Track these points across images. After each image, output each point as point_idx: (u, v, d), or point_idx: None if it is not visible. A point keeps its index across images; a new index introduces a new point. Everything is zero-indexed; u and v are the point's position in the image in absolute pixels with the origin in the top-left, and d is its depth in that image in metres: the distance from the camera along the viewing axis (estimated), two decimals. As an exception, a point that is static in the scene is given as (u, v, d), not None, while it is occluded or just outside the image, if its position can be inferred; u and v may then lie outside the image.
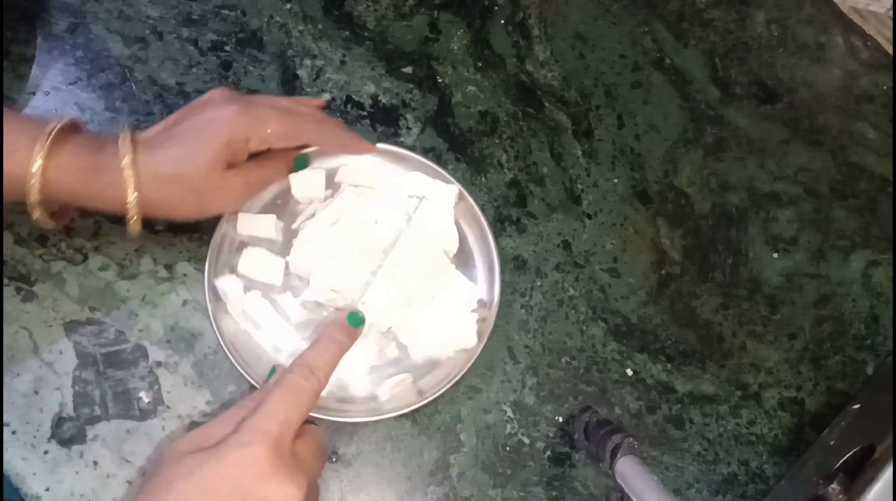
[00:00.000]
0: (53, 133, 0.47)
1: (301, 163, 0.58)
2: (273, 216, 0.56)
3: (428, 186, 0.59)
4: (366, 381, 0.55)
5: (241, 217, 0.56)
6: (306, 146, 0.58)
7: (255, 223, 0.56)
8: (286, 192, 0.58)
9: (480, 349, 0.56)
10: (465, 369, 0.55)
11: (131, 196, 0.49)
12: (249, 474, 0.39)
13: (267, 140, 0.54)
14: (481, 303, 0.58)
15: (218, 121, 0.51)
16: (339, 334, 0.49)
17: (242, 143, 0.52)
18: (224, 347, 0.53)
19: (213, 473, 0.40)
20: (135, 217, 0.50)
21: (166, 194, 0.50)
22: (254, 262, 0.55)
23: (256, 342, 0.55)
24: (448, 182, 0.60)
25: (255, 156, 0.55)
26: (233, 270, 0.56)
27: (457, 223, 0.60)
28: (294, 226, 0.58)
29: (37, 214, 0.49)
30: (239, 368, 0.53)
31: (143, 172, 0.49)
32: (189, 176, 0.50)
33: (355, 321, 0.51)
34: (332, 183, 0.59)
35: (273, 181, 0.57)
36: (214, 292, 0.55)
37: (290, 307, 0.56)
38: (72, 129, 0.49)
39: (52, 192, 0.48)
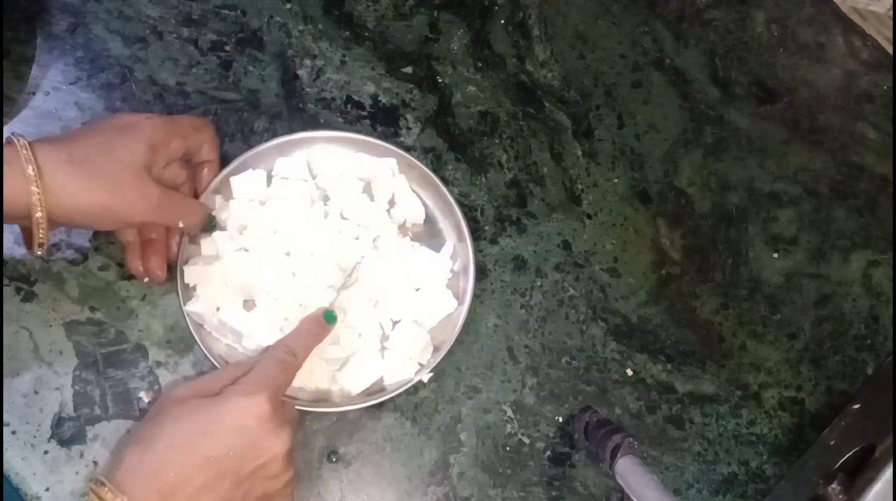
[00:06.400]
0: None
1: (211, 222, 0.56)
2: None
3: (370, 166, 0.60)
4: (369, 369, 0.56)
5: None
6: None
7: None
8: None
9: (464, 312, 0.57)
10: (456, 332, 0.56)
11: (34, 195, 0.44)
12: (251, 417, 0.44)
13: (185, 133, 0.53)
14: (458, 272, 0.59)
15: (138, 124, 0.50)
16: (314, 326, 0.53)
17: (165, 144, 0.51)
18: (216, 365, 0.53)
19: (216, 414, 0.44)
20: (40, 217, 0.45)
21: (73, 182, 0.46)
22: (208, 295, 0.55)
23: (242, 353, 0.55)
24: (387, 155, 0.61)
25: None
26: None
27: (419, 197, 0.61)
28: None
29: None
30: None
31: (47, 158, 0.45)
32: (105, 163, 0.47)
33: (329, 317, 0.54)
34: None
35: (187, 216, 0.53)
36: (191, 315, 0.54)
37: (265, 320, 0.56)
38: None
39: None
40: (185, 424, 0.43)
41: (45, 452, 0.51)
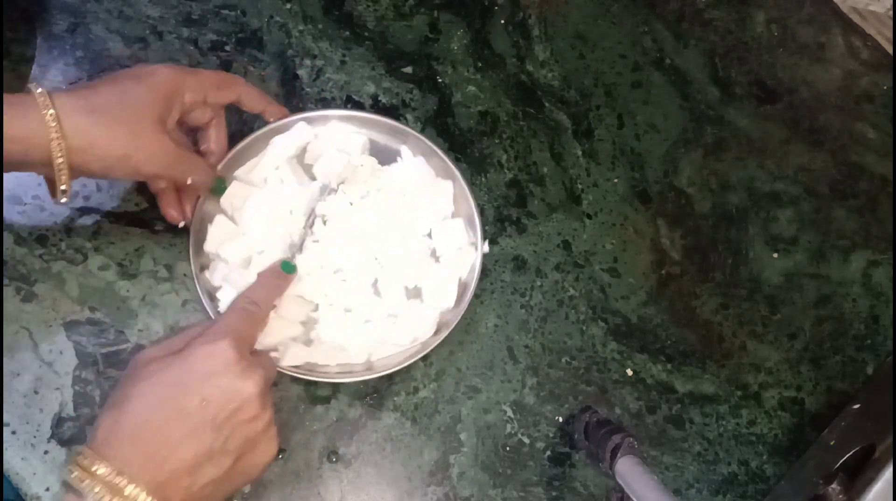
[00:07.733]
0: None
1: (220, 185, 0.57)
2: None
3: (292, 142, 0.60)
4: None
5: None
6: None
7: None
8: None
9: (466, 188, 0.60)
10: (474, 208, 0.59)
11: (54, 141, 0.45)
12: (216, 364, 0.44)
13: (203, 89, 0.52)
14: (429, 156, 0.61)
15: (155, 72, 0.50)
16: (274, 278, 0.54)
17: (179, 96, 0.51)
18: None
19: (183, 367, 0.44)
20: (61, 163, 0.46)
21: (93, 129, 0.46)
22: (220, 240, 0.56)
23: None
24: (295, 124, 0.60)
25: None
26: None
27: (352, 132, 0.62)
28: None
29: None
30: None
31: (65, 104, 0.46)
32: (123, 113, 0.48)
33: (287, 267, 0.55)
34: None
35: (196, 174, 0.53)
36: (208, 293, 0.55)
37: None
38: None
39: None
40: (155, 381, 0.43)
41: (45, 452, 0.51)
